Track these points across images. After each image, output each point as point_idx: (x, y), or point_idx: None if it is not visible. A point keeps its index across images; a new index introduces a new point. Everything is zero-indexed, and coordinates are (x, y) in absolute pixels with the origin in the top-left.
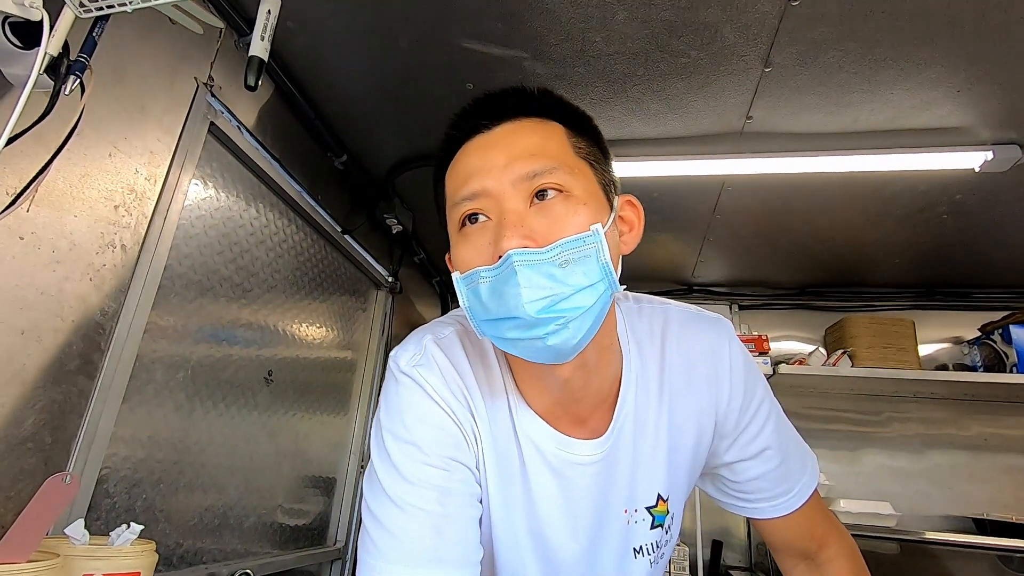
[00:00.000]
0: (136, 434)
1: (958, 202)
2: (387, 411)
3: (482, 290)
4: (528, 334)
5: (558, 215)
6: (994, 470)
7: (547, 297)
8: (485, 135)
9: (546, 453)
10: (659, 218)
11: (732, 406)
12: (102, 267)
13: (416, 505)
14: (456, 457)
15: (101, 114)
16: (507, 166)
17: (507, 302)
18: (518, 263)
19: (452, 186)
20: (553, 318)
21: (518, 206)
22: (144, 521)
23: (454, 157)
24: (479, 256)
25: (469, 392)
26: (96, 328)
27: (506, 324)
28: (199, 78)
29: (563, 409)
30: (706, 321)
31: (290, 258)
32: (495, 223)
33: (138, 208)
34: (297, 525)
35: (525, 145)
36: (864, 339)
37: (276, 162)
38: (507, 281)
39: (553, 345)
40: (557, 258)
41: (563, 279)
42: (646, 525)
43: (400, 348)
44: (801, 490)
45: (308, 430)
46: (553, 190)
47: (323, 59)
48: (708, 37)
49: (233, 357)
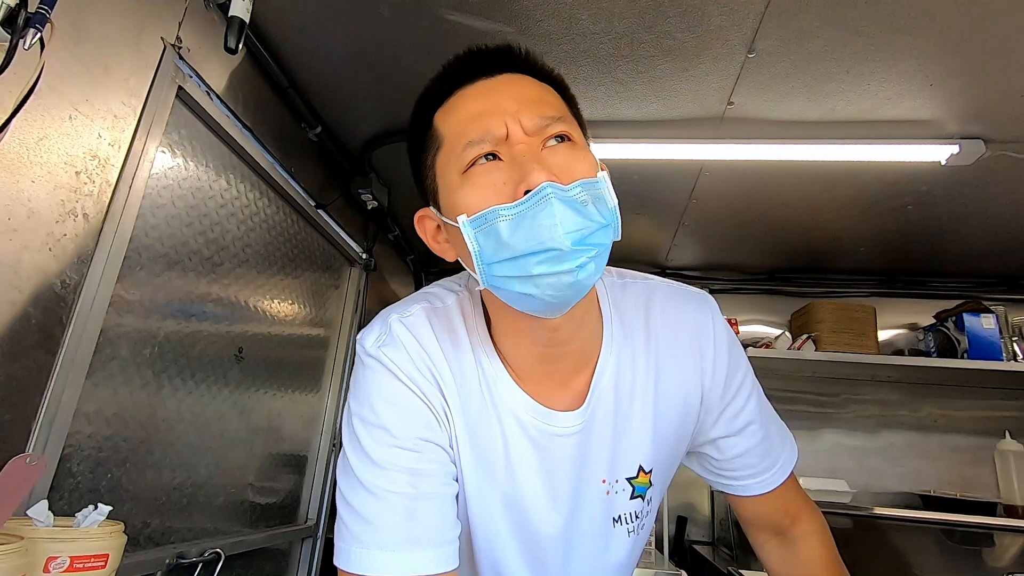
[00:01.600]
0: (101, 411)
1: (923, 193)
2: (355, 396)
3: (501, 228)
4: (558, 267)
5: (570, 159)
6: (942, 449)
7: (579, 230)
8: (487, 81)
9: (526, 425)
10: (636, 201)
11: (717, 379)
12: (63, 236)
13: (388, 489)
14: (427, 437)
15: (61, 73)
16: (519, 111)
17: (539, 234)
18: (553, 195)
19: (454, 128)
20: (585, 249)
21: (534, 146)
22: (110, 501)
23: (448, 100)
24: (494, 195)
25: (437, 370)
26: (57, 301)
27: (534, 259)
28: (167, 39)
29: (548, 367)
30: (691, 295)
31: (262, 232)
32: (508, 163)
33: (101, 175)
34: (268, 503)
35: (532, 94)
36: (828, 324)
37: (248, 131)
38: (539, 213)
39: (581, 279)
40: (578, 196)
41: (588, 215)
42: (626, 495)
43: (366, 330)
44: (784, 464)
45: (280, 407)
46: (565, 137)
47: (299, 24)
48: (695, 19)
49: (202, 333)
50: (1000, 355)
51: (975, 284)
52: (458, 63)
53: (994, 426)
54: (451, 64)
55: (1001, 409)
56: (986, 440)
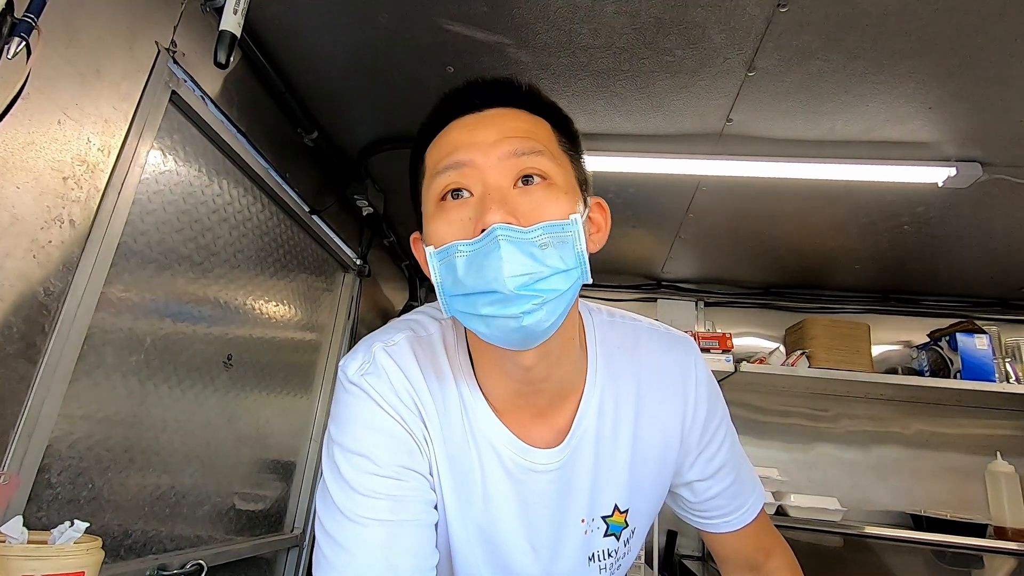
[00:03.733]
0: (84, 421)
1: (919, 214)
2: (336, 423)
3: (458, 264)
4: (503, 311)
5: (540, 199)
6: (933, 468)
7: (527, 275)
8: (476, 115)
9: (503, 457)
10: (633, 213)
11: (696, 422)
12: (48, 243)
13: (368, 516)
14: (408, 465)
15: (50, 76)
16: (496, 143)
17: (486, 275)
18: (502, 237)
19: (435, 157)
20: (530, 296)
21: (503, 183)
22: (90, 512)
23: (439, 133)
24: (458, 231)
25: (420, 399)
26: (39, 309)
27: (482, 299)
28: (161, 43)
29: (524, 401)
30: (676, 340)
31: (254, 237)
32: (477, 199)
33: (89, 181)
34: (254, 512)
35: (515, 126)
36: (822, 340)
37: (242, 136)
38: (488, 254)
39: (527, 325)
40: (538, 239)
41: (542, 260)
42: (600, 533)
43: (349, 357)
44: (752, 506)
45: (268, 414)
46: (537, 176)
47: (297, 30)
48: (695, 37)
49: (191, 340)
50: (993, 376)
51: (969, 304)
52: (454, 96)
53: (985, 445)
54: (447, 96)
55: (993, 429)
56: (977, 460)
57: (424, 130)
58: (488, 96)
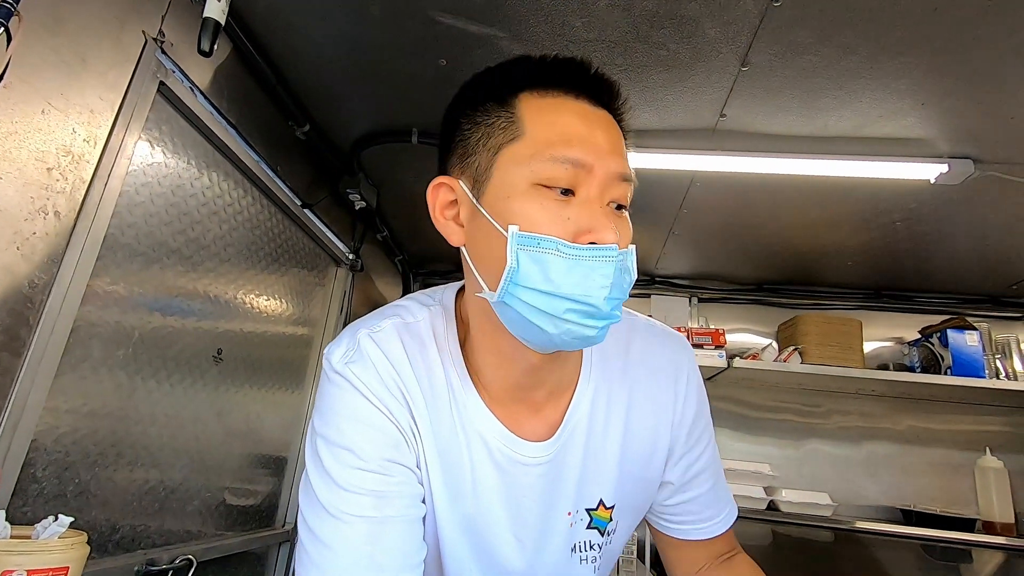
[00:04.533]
0: (70, 415)
1: (911, 210)
2: (320, 414)
3: (552, 261)
4: (587, 322)
5: (626, 227)
6: (923, 463)
7: (618, 297)
8: (589, 107)
9: (492, 448)
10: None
11: (684, 421)
12: (32, 235)
13: (351, 513)
14: (394, 458)
15: (34, 64)
16: (610, 155)
17: (587, 287)
18: (615, 259)
19: (547, 132)
20: (612, 317)
21: (605, 199)
22: (77, 506)
23: (544, 95)
24: (555, 226)
25: (406, 388)
26: (24, 301)
27: (569, 304)
28: (148, 32)
29: (522, 394)
30: (670, 337)
31: (245, 231)
32: (580, 202)
33: (75, 172)
34: (244, 506)
35: (619, 143)
36: (814, 337)
37: (232, 128)
38: (595, 268)
39: (595, 337)
40: (625, 264)
41: (625, 285)
42: (583, 525)
43: (333, 344)
44: (726, 517)
45: (259, 409)
46: (625, 207)
47: (288, 21)
48: (689, 31)
49: (180, 334)
50: (983, 372)
51: (960, 301)
52: (566, 65)
53: (975, 441)
54: (559, 61)
55: (982, 425)
56: (967, 455)
57: (518, 72)
58: (599, 91)
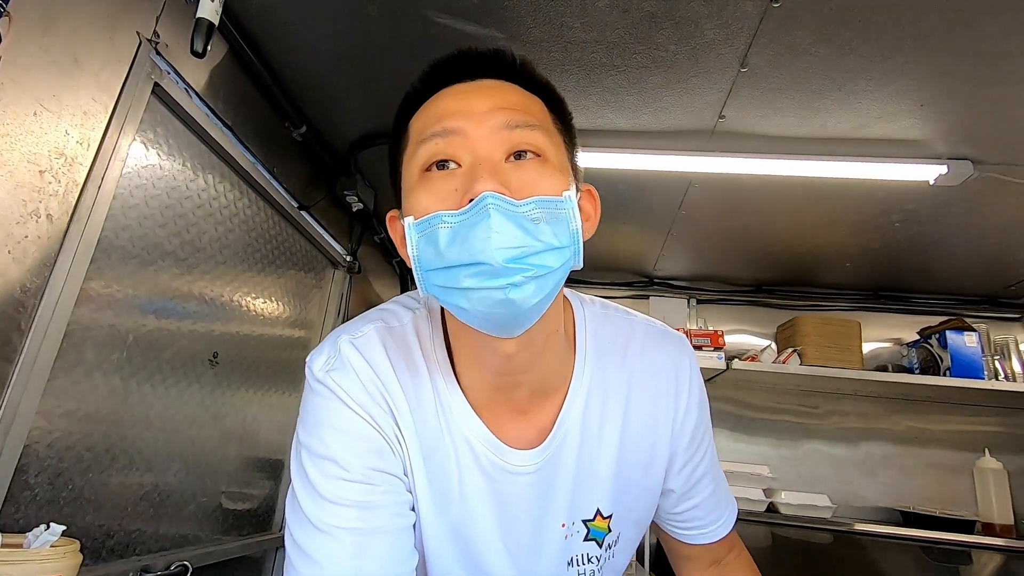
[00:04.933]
0: (63, 419)
1: (910, 211)
2: (303, 425)
3: (441, 235)
4: (488, 283)
5: (534, 175)
6: (922, 464)
7: (518, 248)
8: (467, 83)
9: (479, 455)
10: (625, 210)
11: (686, 426)
12: (24, 238)
13: (337, 525)
14: (379, 467)
15: (25, 65)
16: (488, 113)
17: (472, 246)
18: (493, 206)
19: (420, 125)
20: (520, 269)
21: (494, 155)
22: (70, 513)
23: (426, 101)
24: (442, 202)
25: (390, 394)
26: (16, 306)
27: (464, 271)
28: (143, 33)
29: (503, 395)
30: (671, 338)
31: (241, 233)
32: (465, 170)
33: (68, 174)
34: (241, 511)
35: (509, 99)
36: (813, 338)
37: (228, 130)
38: (476, 224)
39: (513, 299)
40: (530, 213)
41: (535, 234)
42: (580, 537)
43: (315, 352)
44: (727, 520)
45: (255, 412)
46: (531, 151)
47: (283, 20)
48: (688, 32)
49: (175, 338)
50: (982, 373)
51: (959, 302)
52: (444, 64)
53: (974, 442)
54: (436, 64)
55: (981, 426)
56: (966, 456)
57: (409, 97)
58: (481, 66)
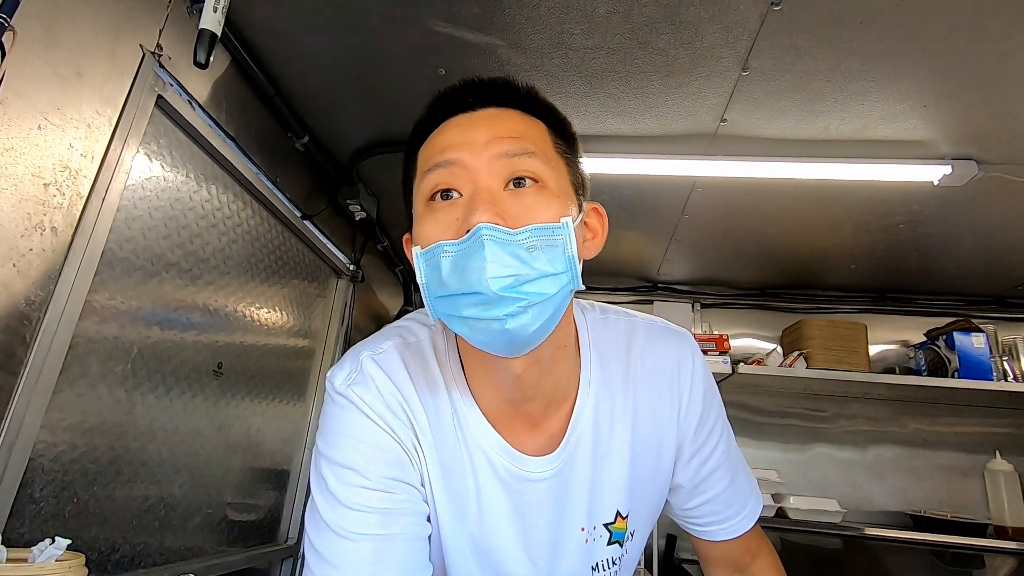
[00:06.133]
0: (68, 433)
1: (915, 212)
2: (324, 435)
3: (443, 264)
4: (487, 313)
5: (531, 203)
6: (931, 467)
7: (511, 276)
8: (469, 114)
9: (497, 466)
10: (628, 215)
11: (691, 419)
12: (28, 251)
13: (356, 531)
14: (398, 477)
15: (29, 79)
16: (487, 143)
17: (469, 276)
18: (487, 237)
19: (425, 156)
20: (515, 298)
21: (492, 185)
22: (75, 527)
23: (432, 132)
24: (445, 231)
25: (410, 407)
26: (20, 319)
27: (464, 300)
28: (146, 46)
29: (515, 409)
30: (672, 333)
31: (244, 243)
32: (466, 200)
33: (72, 187)
34: (246, 522)
35: (508, 127)
36: (819, 341)
37: (231, 141)
38: (472, 255)
39: (511, 329)
40: (525, 241)
41: (529, 262)
42: (603, 541)
43: (336, 367)
44: (750, 512)
45: (260, 422)
46: (529, 179)
47: (285, 32)
48: (689, 36)
49: (179, 349)
50: (991, 374)
51: (965, 302)
52: (449, 94)
53: (984, 444)
54: (441, 95)
55: (991, 427)
56: (976, 458)
57: (417, 129)
58: (483, 95)
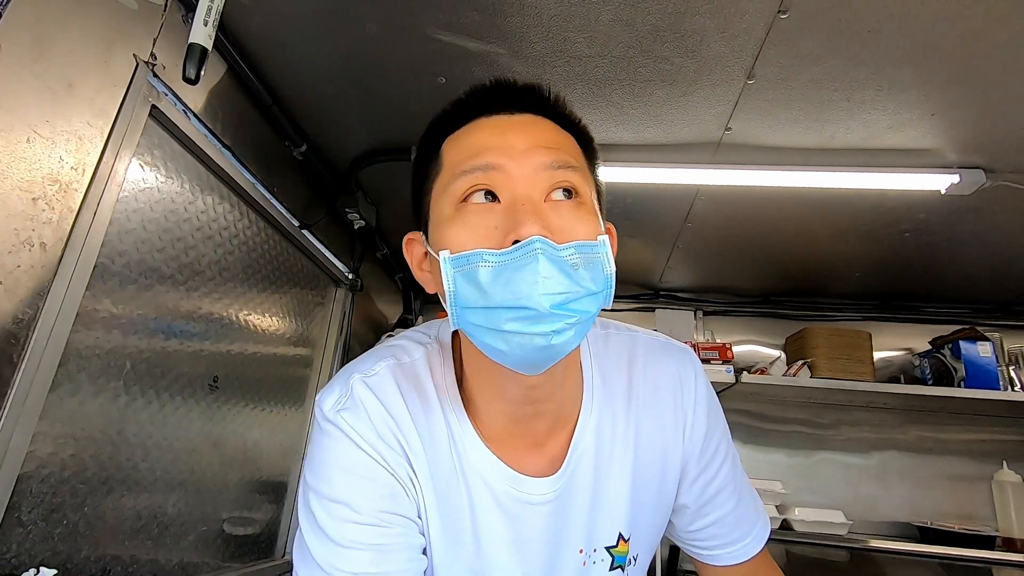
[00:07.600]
0: (58, 451)
1: (921, 221)
2: (311, 466)
3: (482, 274)
4: (532, 328)
5: (572, 218)
6: (937, 477)
7: (563, 293)
8: (506, 117)
9: (496, 491)
10: (631, 223)
11: (695, 438)
12: (16, 268)
13: (348, 570)
14: (392, 510)
15: (17, 91)
16: (528, 151)
17: (519, 289)
18: (541, 251)
19: (457, 156)
20: (564, 315)
21: (534, 195)
22: (65, 549)
23: (461, 128)
24: (483, 239)
25: (403, 434)
26: (7, 338)
27: (508, 313)
28: (139, 56)
29: (521, 429)
30: (674, 350)
31: (241, 254)
32: (505, 207)
33: (62, 201)
34: (243, 536)
35: (547, 137)
36: (823, 349)
37: (227, 150)
38: (523, 268)
39: (555, 344)
40: (570, 258)
41: (577, 280)
42: (605, 566)
43: (325, 391)
44: (757, 536)
45: (257, 435)
46: (570, 190)
47: (282, 40)
48: (694, 45)
49: (174, 364)
50: (997, 383)
51: (971, 311)
52: (481, 92)
53: (991, 453)
54: (473, 92)
55: (998, 436)
56: (983, 468)
57: (442, 121)
58: (519, 100)
